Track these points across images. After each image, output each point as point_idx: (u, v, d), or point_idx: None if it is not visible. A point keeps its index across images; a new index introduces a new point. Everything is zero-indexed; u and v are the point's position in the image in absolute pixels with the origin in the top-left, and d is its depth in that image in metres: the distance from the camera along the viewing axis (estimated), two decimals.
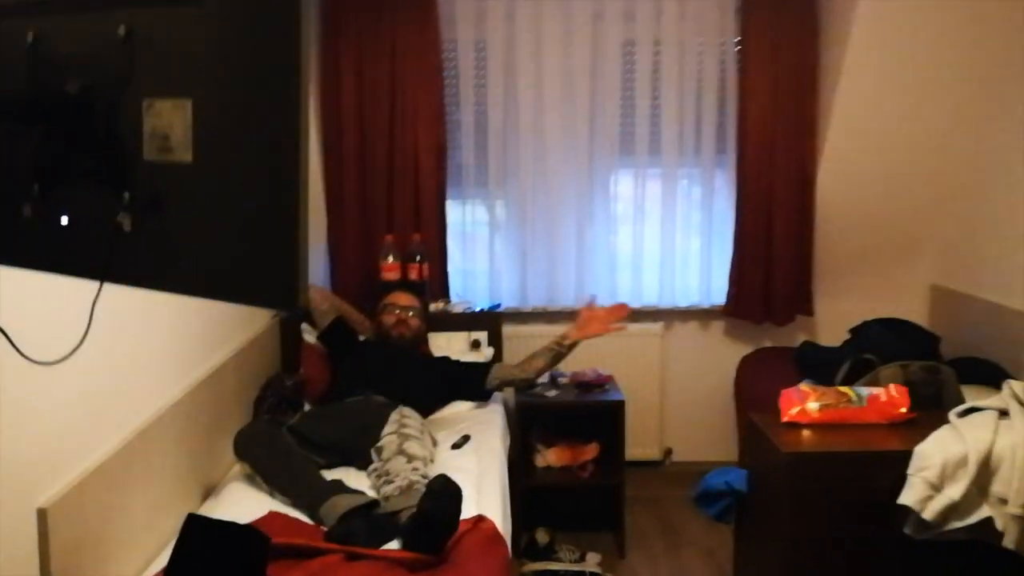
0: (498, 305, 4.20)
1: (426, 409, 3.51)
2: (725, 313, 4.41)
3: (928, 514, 2.26)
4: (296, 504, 2.65)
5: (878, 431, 2.54)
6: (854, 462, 2.39)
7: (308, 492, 2.64)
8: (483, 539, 2.46)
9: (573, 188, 4.31)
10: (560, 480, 3.88)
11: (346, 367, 3.62)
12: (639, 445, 4.45)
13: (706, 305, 4.43)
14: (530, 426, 4.01)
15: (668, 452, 4.59)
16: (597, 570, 3.60)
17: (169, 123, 1.35)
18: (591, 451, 3.94)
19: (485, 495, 2.81)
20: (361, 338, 3.83)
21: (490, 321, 4.07)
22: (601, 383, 3.90)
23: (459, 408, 3.67)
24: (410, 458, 2.75)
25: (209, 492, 2.92)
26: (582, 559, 3.68)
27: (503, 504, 2.85)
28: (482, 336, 4.02)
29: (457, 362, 3.73)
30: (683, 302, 4.43)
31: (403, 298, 3.77)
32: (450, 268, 4.28)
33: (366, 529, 2.43)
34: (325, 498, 2.57)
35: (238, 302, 1.33)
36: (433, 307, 4.05)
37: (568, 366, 3.82)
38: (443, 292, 4.23)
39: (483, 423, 3.51)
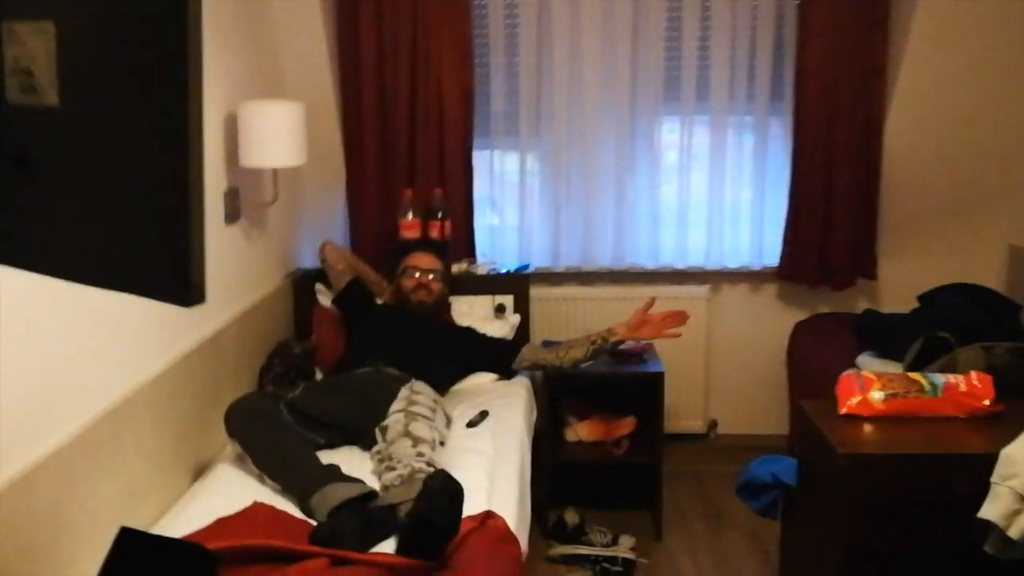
0: (527, 266, 3.86)
1: (444, 382, 3.21)
2: (778, 275, 4.02)
3: (1015, 532, 1.88)
4: (286, 491, 2.38)
5: (955, 427, 2.15)
6: (926, 466, 1.99)
7: (300, 479, 2.35)
8: (491, 539, 2.16)
9: (612, 137, 3.93)
10: (592, 457, 3.57)
11: (359, 334, 3.32)
12: (681, 417, 4.12)
13: (757, 266, 4.04)
14: (560, 398, 3.69)
15: (713, 424, 4.25)
16: (630, 555, 3.30)
17: (32, 54, 1.03)
18: (627, 425, 3.61)
19: (499, 483, 2.51)
20: (379, 302, 3.53)
21: (517, 284, 3.73)
22: (639, 352, 3.56)
23: (481, 380, 3.37)
24: (416, 441, 2.45)
25: (201, 472, 2.66)
26: (614, 542, 3.37)
27: (520, 493, 2.54)
28: (508, 300, 3.68)
29: (483, 336, 3.41)
30: (732, 263, 4.05)
31: (424, 259, 3.45)
32: (476, 225, 3.94)
33: (358, 526, 2.14)
34: (317, 487, 2.29)
35: (119, 290, 1.02)
36: (456, 268, 3.72)
37: None
38: (468, 251, 3.89)
39: (505, 397, 3.20)
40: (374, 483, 2.39)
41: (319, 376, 3.33)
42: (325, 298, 3.58)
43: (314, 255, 3.65)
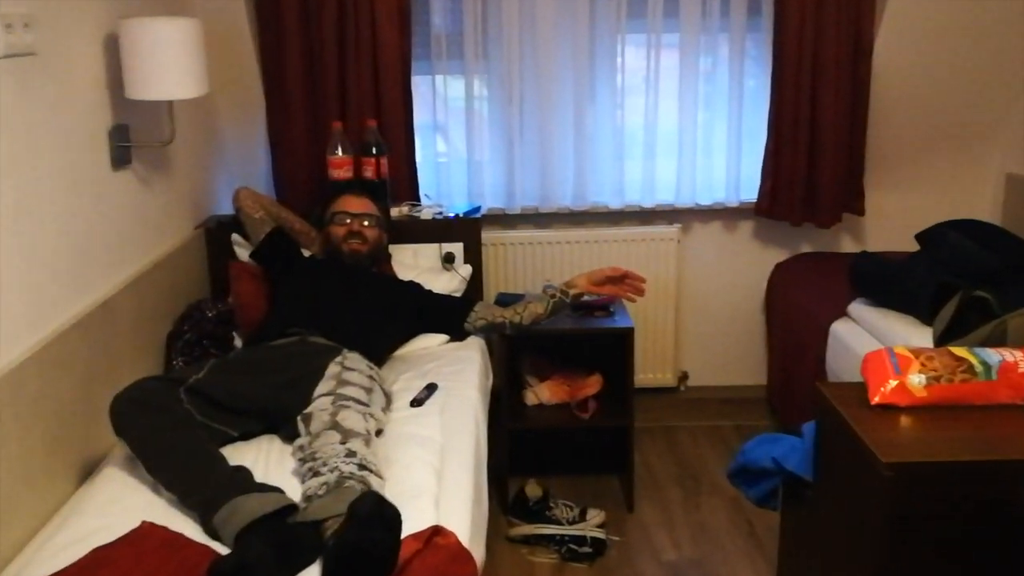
0: (478, 208, 3.35)
1: (385, 348, 2.75)
2: (756, 212, 3.56)
3: None
4: (185, 506, 1.90)
5: (1015, 420, 1.69)
6: (985, 474, 1.55)
7: (201, 490, 1.87)
8: (439, 562, 1.72)
9: (570, 60, 3.41)
10: (555, 422, 3.14)
11: (282, 293, 2.82)
12: (650, 370, 3.70)
13: (733, 202, 3.58)
14: (519, 356, 3.24)
15: (683, 376, 3.83)
16: (599, 533, 2.89)
17: None
18: (592, 385, 3.19)
19: (449, 481, 2.05)
20: (306, 254, 3.02)
21: (467, 229, 3.22)
22: (604, 305, 3.11)
23: (428, 343, 2.90)
24: (346, 435, 1.98)
25: (88, 474, 2.16)
26: (582, 517, 2.97)
27: (475, 490, 2.09)
28: (457, 248, 3.19)
29: (430, 293, 2.93)
30: (705, 199, 3.59)
31: (356, 203, 2.94)
32: (419, 161, 3.41)
33: (272, 553, 1.68)
34: (222, 501, 1.81)
35: None
36: (396, 212, 3.21)
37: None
38: (411, 192, 3.38)
39: (457, 363, 2.74)
40: (296, 488, 1.93)
41: (238, 343, 2.83)
42: (244, 251, 3.05)
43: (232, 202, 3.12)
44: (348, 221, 2.89)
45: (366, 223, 2.91)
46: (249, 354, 2.40)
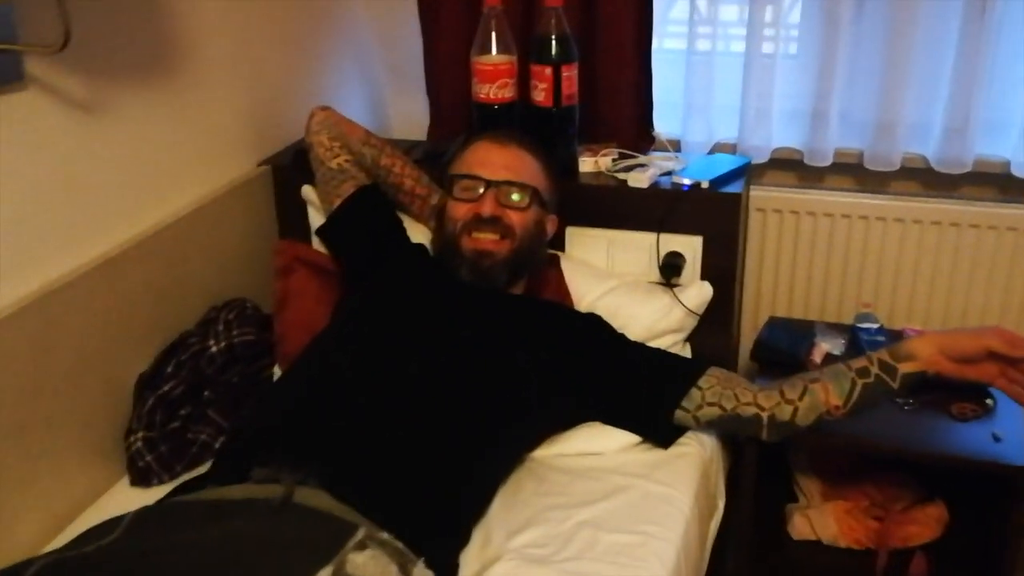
0: (744, 168, 1.72)
1: (492, 483, 1.34)
2: None
3: None
4: None
5: None
6: None
7: None
8: None
9: None
10: None
11: (323, 336, 1.44)
12: None
13: None
14: (790, 448, 1.70)
15: None
16: None
17: None
18: (927, 526, 1.62)
19: None
20: (409, 233, 1.63)
21: (717, 209, 1.62)
22: (974, 389, 1.47)
23: (599, 444, 1.43)
24: None
25: None
26: None
27: None
28: (691, 247, 1.61)
29: (619, 344, 1.46)
30: None
31: (494, 158, 1.48)
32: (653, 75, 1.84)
33: None
34: None
35: None
36: (588, 164, 1.69)
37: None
38: (631, 124, 1.83)
39: (641, 522, 1.27)
40: None
41: (277, 375, 1.54)
42: (318, 218, 1.70)
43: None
44: (480, 193, 1.44)
45: (514, 197, 1.44)
46: (139, 539, 1.01)
